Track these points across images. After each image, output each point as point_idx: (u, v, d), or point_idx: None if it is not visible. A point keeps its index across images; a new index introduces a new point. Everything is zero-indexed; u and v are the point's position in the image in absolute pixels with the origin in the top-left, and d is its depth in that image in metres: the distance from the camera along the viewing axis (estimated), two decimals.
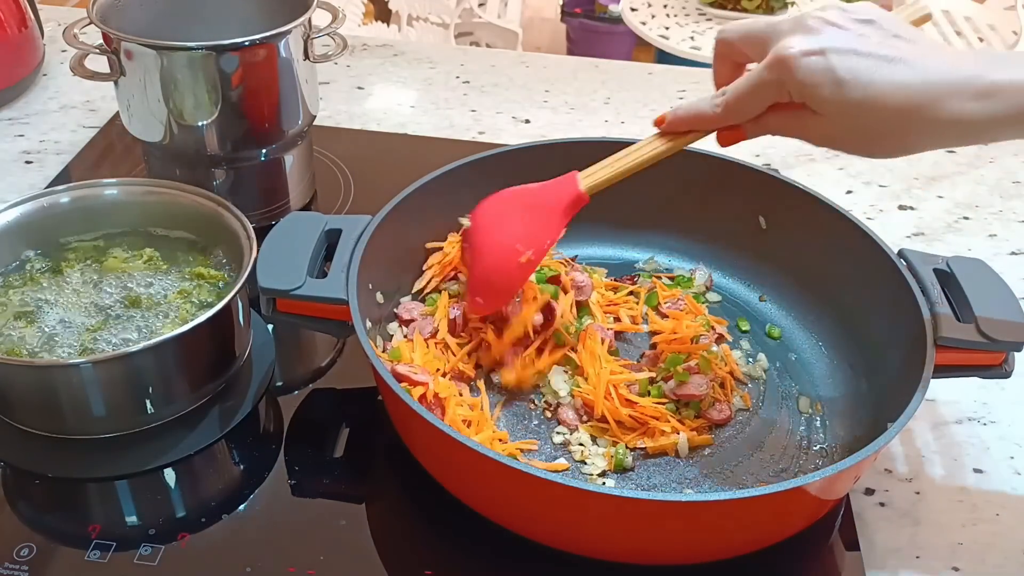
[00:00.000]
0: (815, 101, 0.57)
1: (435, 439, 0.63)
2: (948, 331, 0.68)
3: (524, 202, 0.73)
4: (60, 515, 0.68)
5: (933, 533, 0.70)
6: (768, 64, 0.58)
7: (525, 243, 0.71)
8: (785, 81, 0.58)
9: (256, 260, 0.72)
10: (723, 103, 0.63)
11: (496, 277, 0.72)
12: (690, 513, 0.58)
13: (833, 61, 0.56)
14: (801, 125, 0.60)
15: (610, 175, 0.70)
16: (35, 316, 0.74)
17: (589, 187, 0.71)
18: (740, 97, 0.61)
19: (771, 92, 0.59)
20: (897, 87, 0.56)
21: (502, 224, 0.72)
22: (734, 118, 0.63)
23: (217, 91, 0.86)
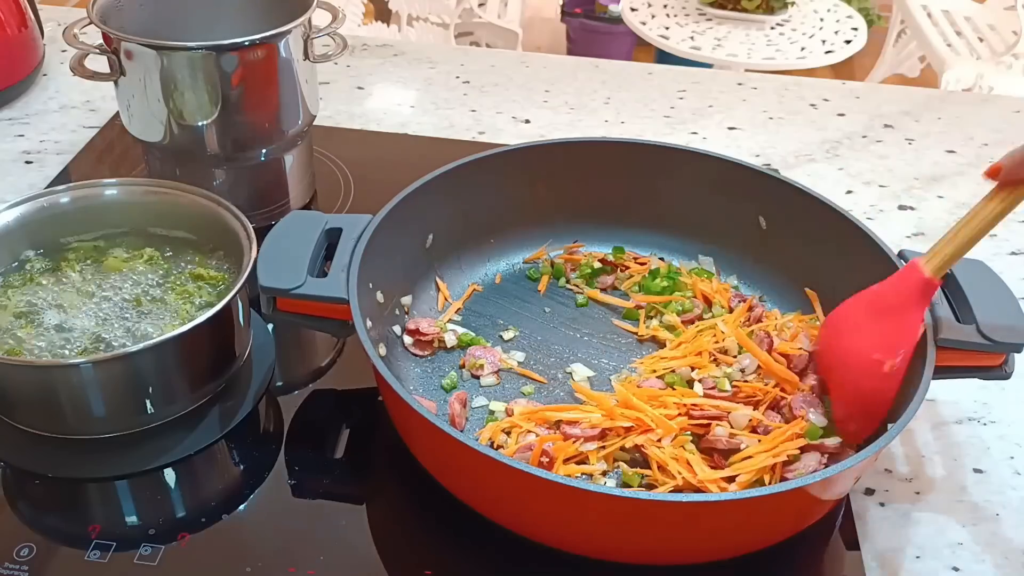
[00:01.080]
0: None
1: (435, 439, 0.63)
2: (948, 332, 0.68)
3: (873, 308, 0.69)
4: (60, 515, 0.68)
5: (933, 533, 0.70)
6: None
7: (884, 351, 0.66)
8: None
9: (256, 260, 0.72)
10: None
11: (865, 397, 0.67)
12: (690, 513, 0.58)
13: None
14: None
15: (953, 250, 0.66)
16: (35, 316, 0.74)
17: (936, 269, 0.67)
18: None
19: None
20: None
21: (855, 339, 0.68)
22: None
23: (217, 91, 0.86)
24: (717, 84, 1.29)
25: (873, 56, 2.99)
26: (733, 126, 1.20)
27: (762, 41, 2.57)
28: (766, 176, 0.86)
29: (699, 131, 1.18)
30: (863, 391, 0.67)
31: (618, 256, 0.89)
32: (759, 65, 2.43)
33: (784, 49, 2.53)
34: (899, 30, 2.91)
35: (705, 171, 0.87)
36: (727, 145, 1.15)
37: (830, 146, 1.16)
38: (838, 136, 1.18)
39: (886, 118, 1.23)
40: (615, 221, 0.91)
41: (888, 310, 0.68)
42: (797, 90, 1.28)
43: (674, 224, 0.90)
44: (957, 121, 1.22)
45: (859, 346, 0.68)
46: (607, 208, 0.90)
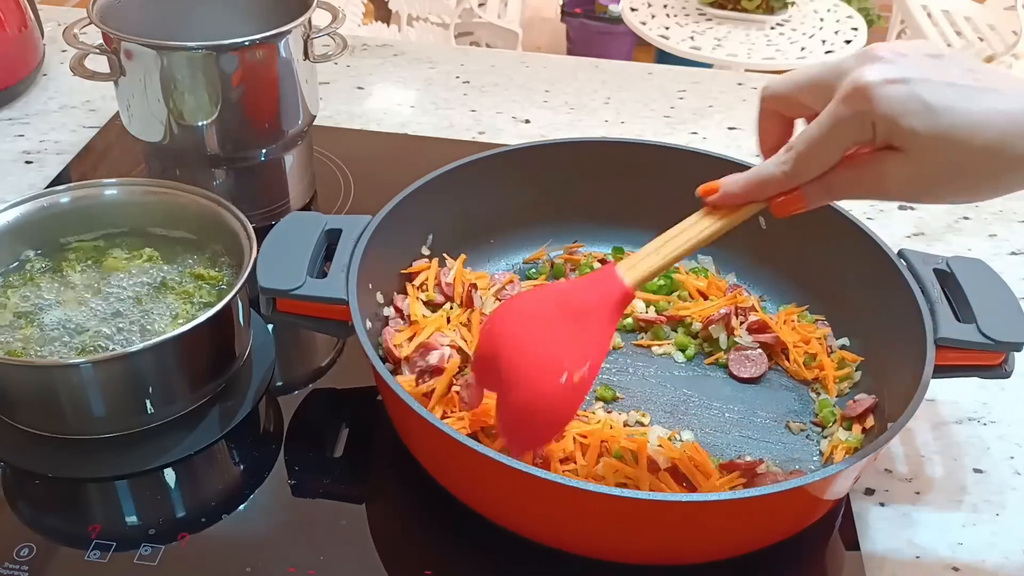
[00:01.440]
0: (903, 135, 0.50)
1: (435, 439, 0.63)
2: (948, 331, 0.68)
3: (560, 309, 0.60)
4: (60, 515, 0.68)
5: (933, 533, 0.70)
6: (843, 97, 0.51)
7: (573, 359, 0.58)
8: (867, 114, 0.50)
9: (256, 260, 0.72)
10: (792, 157, 0.54)
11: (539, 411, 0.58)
12: (690, 513, 0.58)
13: (918, 89, 0.49)
14: (879, 173, 0.52)
15: (658, 265, 0.60)
16: (35, 316, 0.74)
17: (636, 281, 0.60)
18: (814, 145, 0.53)
19: (851, 131, 0.51)
20: (995, 114, 0.49)
21: (540, 339, 0.59)
22: (806, 173, 0.54)
23: (217, 91, 0.86)
24: (717, 84, 1.29)
25: None
26: (733, 126, 1.20)
27: (762, 41, 2.57)
28: None
29: (699, 131, 1.18)
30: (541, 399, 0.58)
31: (617, 256, 0.89)
32: (759, 65, 2.43)
33: (784, 49, 2.53)
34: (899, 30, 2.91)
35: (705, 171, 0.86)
36: (727, 145, 1.15)
37: None
38: None
39: None
40: (615, 221, 0.91)
41: (581, 315, 0.59)
42: None
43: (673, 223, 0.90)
44: None
45: (545, 348, 0.59)
46: (607, 208, 0.90)
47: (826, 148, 0.53)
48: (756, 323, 0.80)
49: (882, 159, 0.52)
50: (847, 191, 0.55)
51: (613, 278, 0.60)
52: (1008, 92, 0.50)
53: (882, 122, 0.50)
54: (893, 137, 0.50)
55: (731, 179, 0.58)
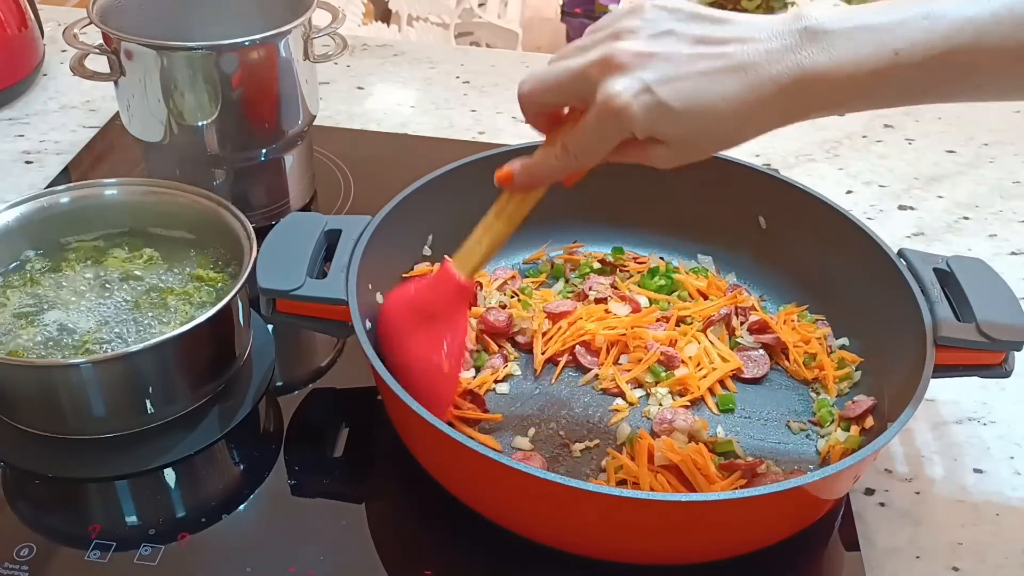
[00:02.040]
0: (660, 135, 0.56)
1: (435, 439, 0.63)
2: (948, 331, 0.68)
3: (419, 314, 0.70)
4: (60, 515, 0.68)
5: (933, 533, 0.70)
6: (601, 115, 0.56)
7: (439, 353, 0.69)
8: (625, 126, 0.56)
9: (256, 260, 0.72)
10: (571, 157, 0.60)
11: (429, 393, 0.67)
12: (690, 513, 0.58)
13: (661, 94, 0.54)
14: (648, 157, 0.59)
15: (483, 254, 0.68)
16: (35, 316, 0.74)
17: (468, 274, 0.68)
18: (586, 151, 0.59)
19: (613, 137, 0.57)
20: (728, 100, 0.54)
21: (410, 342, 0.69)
22: (579, 167, 0.61)
23: (217, 91, 0.86)
24: None
25: None
26: None
27: None
28: (766, 176, 0.86)
29: None
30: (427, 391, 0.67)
31: (617, 256, 0.89)
32: None
33: None
34: None
35: (705, 171, 0.86)
36: None
37: (830, 146, 1.16)
38: (838, 136, 1.18)
39: (886, 118, 1.23)
40: (615, 221, 0.91)
41: (434, 316, 0.69)
42: None
43: (674, 224, 0.90)
44: (957, 121, 1.22)
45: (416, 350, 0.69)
46: (607, 208, 0.90)
47: (594, 150, 0.59)
48: (757, 323, 0.80)
49: (647, 147, 0.58)
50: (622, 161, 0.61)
51: (449, 276, 0.69)
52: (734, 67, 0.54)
53: (638, 129, 0.56)
54: (652, 135, 0.56)
55: (521, 168, 0.64)
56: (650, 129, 0.56)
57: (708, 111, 0.55)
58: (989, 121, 1.23)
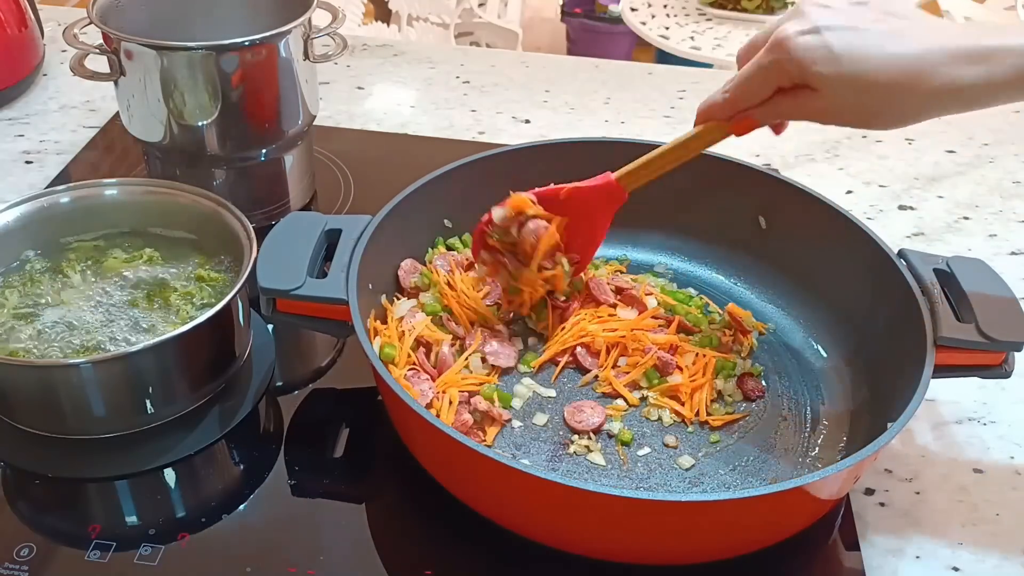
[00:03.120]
0: (813, 78, 0.59)
1: (435, 439, 0.63)
2: (948, 331, 0.68)
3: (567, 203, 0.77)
4: (60, 515, 0.68)
5: (933, 533, 0.70)
6: (767, 48, 0.61)
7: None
8: (782, 61, 0.60)
9: (256, 260, 0.72)
10: (731, 89, 0.66)
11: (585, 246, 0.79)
12: (690, 513, 0.58)
13: (828, 37, 0.58)
14: (802, 104, 0.62)
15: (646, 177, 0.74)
16: (35, 316, 0.74)
17: (627, 185, 0.75)
18: (744, 83, 0.64)
19: (772, 74, 0.62)
20: (892, 58, 0.57)
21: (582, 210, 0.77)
22: (743, 102, 0.65)
23: (217, 91, 0.86)
24: (717, 84, 1.27)
25: None
26: None
27: None
28: (766, 176, 0.86)
29: None
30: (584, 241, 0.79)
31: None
32: None
33: None
34: None
35: (705, 171, 0.87)
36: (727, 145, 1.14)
37: (830, 146, 1.16)
38: (838, 136, 1.18)
39: None
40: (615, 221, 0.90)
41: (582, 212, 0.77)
42: None
43: (674, 224, 0.90)
44: (957, 121, 1.22)
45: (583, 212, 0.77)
46: None
47: (753, 86, 0.64)
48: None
49: (801, 94, 0.62)
50: (784, 115, 0.65)
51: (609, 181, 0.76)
52: (912, 36, 0.58)
53: (795, 67, 0.60)
54: (805, 78, 0.60)
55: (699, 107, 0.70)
56: (805, 69, 0.59)
57: (867, 67, 0.58)
58: (989, 121, 1.23)
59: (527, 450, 0.72)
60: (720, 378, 0.78)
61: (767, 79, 0.63)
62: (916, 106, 0.59)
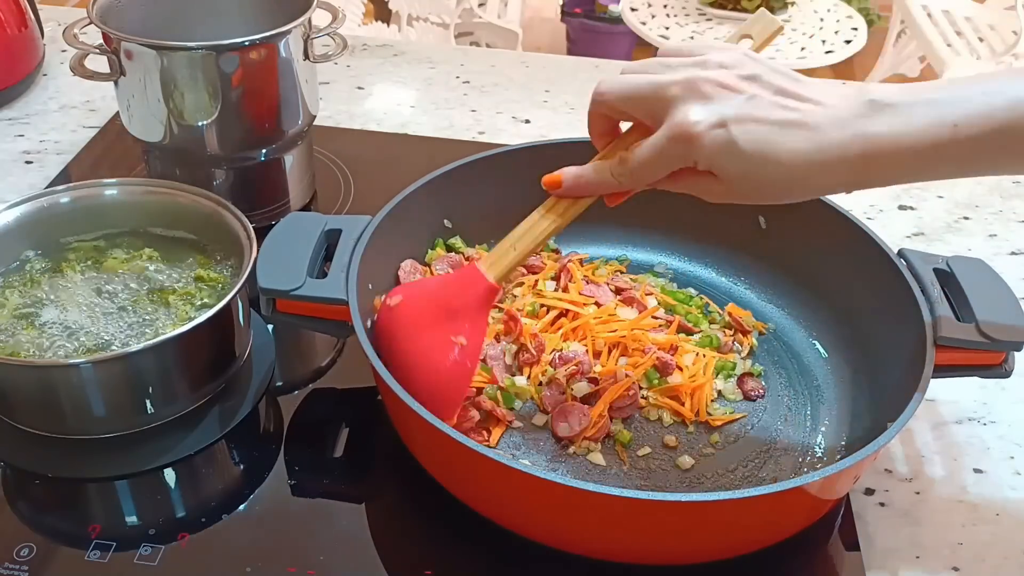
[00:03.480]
0: (718, 169, 0.58)
1: (435, 439, 0.63)
2: (948, 331, 0.68)
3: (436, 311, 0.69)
4: (60, 515, 0.68)
5: (933, 533, 0.70)
6: (672, 137, 0.58)
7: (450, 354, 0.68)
8: (691, 154, 0.58)
9: (256, 260, 0.72)
10: (628, 173, 0.62)
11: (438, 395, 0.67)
12: (690, 513, 0.58)
13: (735, 133, 0.56)
14: (698, 188, 0.61)
15: (516, 257, 0.67)
16: (35, 316, 0.74)
17: (498, 277, 0.68)
18: (645, 167, 0.61)
19: (676, 161, 0.60)
20: (794, 154, 0.56)
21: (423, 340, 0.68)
22: (636, 185, 0.63)
23: (217, 91, 0.86)
24: None
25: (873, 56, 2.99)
26: None
27: None
28: None
29: None
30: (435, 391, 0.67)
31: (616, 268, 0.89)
32: None
33: (784, 49, 2.53)
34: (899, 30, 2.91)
35: None
36: None
37: None
38: None
39: None
40: (614, 221, 0.91)
41: (456, 313, 0.68)
42: None
43: (674, 224, 0.90)
44: None
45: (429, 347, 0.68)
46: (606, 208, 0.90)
47: (654, 170, 0.61)
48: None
49: (701, 178, 0.60)
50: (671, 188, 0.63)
51: (477, 277, 0.68)
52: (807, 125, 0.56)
53: (704, 160, 0.58)
54: (711, 168, 0.59)
55: (572, 175, 0.65)
56: (713, 163, 0.58)
57: (773, 160, 0.57)
58: None
59: (527, 450, 0.72)
60: (720, 378, 0.78)
61: (669, 165, 0.60)
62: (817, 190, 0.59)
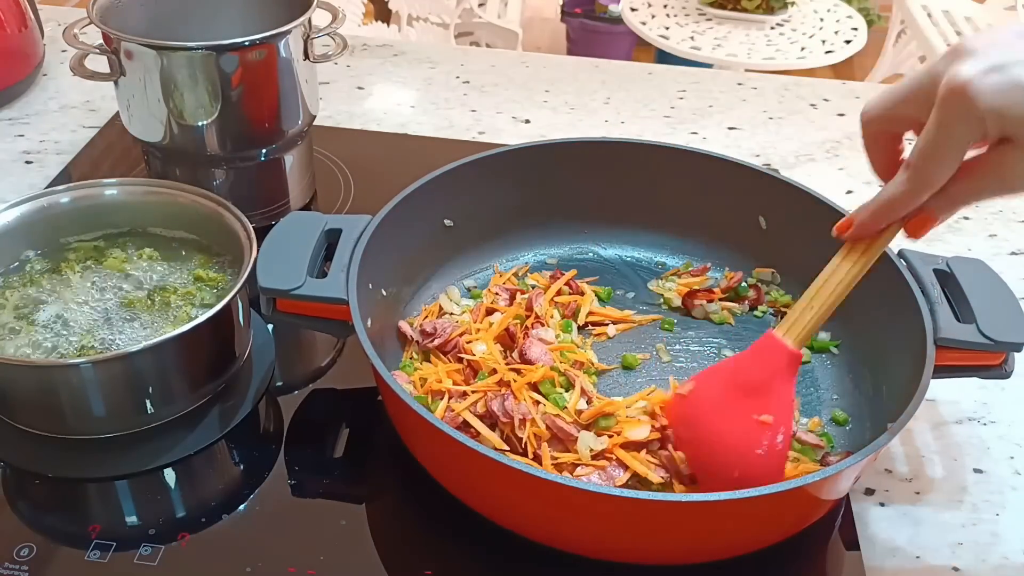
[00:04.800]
0: (1013, 124, 0.49)
1: (435, 439, 0.63)
2: (948, 331, 0.68)
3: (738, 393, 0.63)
4: (60, 515, 0.68)
5: (933, 533, 0.70)
6: (943, 101, 0.49)
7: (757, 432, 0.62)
8: (971, 112, 0.49)
9: (256, 260, 0.72)
10: (912, 174, 0.53)
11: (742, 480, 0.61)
12: (690, 513, 0.58)
13: (1017, 74, 0.47)
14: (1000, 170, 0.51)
15: (814, 318, 0.62)
16: (35, 316, 0.74)
17: (798, 342, 0.63)
18: (929, 155, 0.52)
19: (962, 133, 0.50)
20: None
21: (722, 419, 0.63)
22: (929, 186, 0.53)
23: (217, 91, 0.86)
24: (717, 84, 1.29)
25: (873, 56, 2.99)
26: (733, 126, 1.20)
27: (762, 41, 2.57)
28: (766, 176, 0.86)
29: (699, 131, 1.18)
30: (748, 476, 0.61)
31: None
32: (759, 65, 2.43)
33: (784, 49, 2.53)
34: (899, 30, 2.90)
35: (705, 171, 0.87)
36: (727, 145, 1.15)
37: (830, 146, 1.16)
38: (838, 136, 1.18)
39: None
40: (615, 222, 0.91)
41: (759, 390, 0.63)
42: (797, 90, 1.28)
43: (674, 224, 0.90)
44: None
45: (729, 427, 0.63)
46: (607, 209, 0.90)
47: (942, 155, 0.52)
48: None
49: (999, 155, 0.51)
50: (972, 196, 0.54)
51: (777, 346, 0.63)
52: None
53: (989, 116, 0.49)
54: (1004, 128, 0.49)
55: (860, 210, 0.59)
56: (1002, 115, 0.48)
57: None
58: None
59: None
60: None
61: (956, 140, 0.50)
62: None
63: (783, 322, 0.64)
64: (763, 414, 0.62)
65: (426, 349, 0.77)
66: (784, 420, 0.62)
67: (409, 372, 0.75)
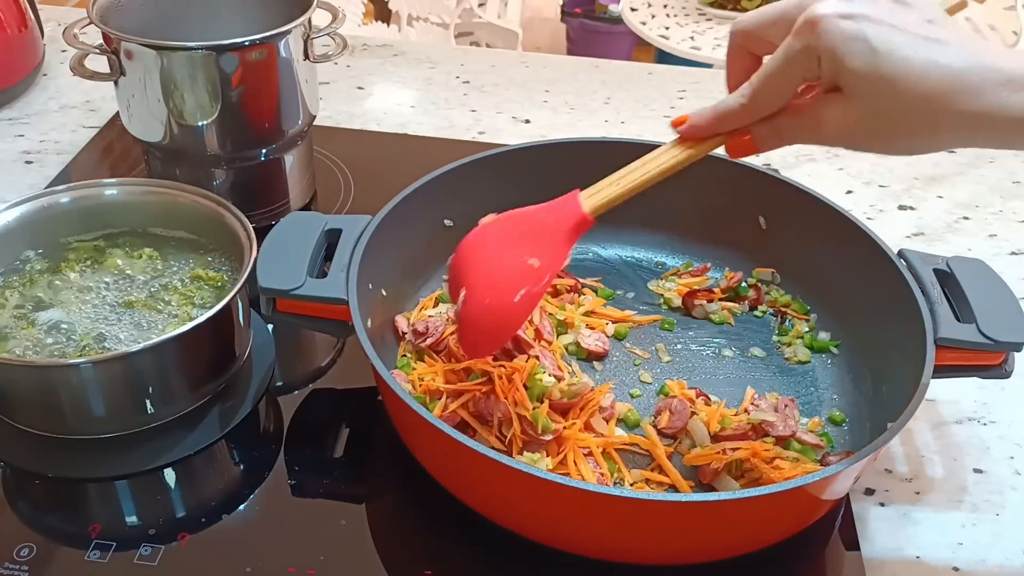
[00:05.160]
0: (843, 73, 0.51)
1: (435, 439, 0.63)
2: (948, 331, 0.68)
3: (520, 229, 0.65)
4: (60, 515, 0.68)
5: (933, 533, 0.70)
6: (797, 30, 0.52)
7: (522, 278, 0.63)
8: (814, 47, 0.51)
9: (256, 260, 0.72)
10: (750, 91, 0.56)
11: (491, 316, 0.64)
12: (690, 513, 0.58)
13: (868, 29, 0.50)
14: (819, 116, 0.54)
15: (618, 192, 0.63)
16: (35, 316, 0.74)
17: (594, 208, 0.63)
18: (768, 78, 0.54)
19: (800, 65, 0.52)
20: (935, 66, 0.50)
21: (496, 255, 0.64)
22: (762, 107, 0.56)
23: (217, 91, 0.86)
24: (717, 84, 1.29)
25: None
26: None
27: None
28: (766, 176, 0.86)
29: None
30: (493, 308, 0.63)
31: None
32: None
33: None
34: None
35: (705, 171, 0.86)
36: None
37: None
38: None
39: None
40: (615, 222, 0.90)
41: (536, 235, 0.64)
42: None
43: (674, 224, 0.90)
44: None
45: (500, 263, 0.64)
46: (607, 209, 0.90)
47: (778, 81, 0.54)
48: None
49: (824, 102, 0.54)
50: (791, 135, 0.57)
51: (574, 203, 0.64)
52: (957, 47, 0.51)
53: (826, 57, 0.51)
54: (836, 75, 0.52)
55: (698, 112, 0.60)
56: (837, 60, 0.51)
57: (908, 69, 0.50)
58: None
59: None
60: None
61: (793, 70, 0.53)
62: (948, 125, 0.51)
63: (590, 188, 0.64)
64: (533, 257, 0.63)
65: (419, 348, 0.77)
66: (547, 271, 0.63)
67: (407, 371, 0.75)
